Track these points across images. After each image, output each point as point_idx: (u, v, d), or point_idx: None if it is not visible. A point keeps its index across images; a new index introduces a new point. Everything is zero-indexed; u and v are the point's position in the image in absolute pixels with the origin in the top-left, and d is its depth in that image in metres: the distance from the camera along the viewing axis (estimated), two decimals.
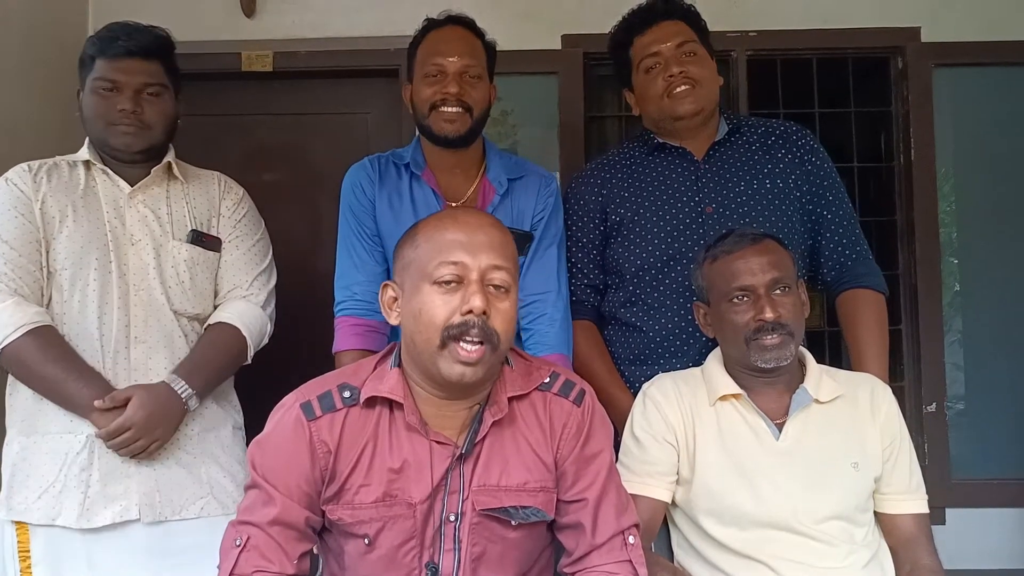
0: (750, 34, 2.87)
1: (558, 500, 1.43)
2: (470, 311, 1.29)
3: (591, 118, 2.90)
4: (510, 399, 1.40)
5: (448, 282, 1.32)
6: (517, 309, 1.38)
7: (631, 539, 1.40)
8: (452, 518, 1.37)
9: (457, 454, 1.37)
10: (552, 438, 1.42)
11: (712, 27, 2.11)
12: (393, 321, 1.40)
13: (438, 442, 1.37)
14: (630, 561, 1.39)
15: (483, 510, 1.37)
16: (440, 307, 1.31)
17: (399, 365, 1.40)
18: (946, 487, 2.71)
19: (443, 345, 1.30)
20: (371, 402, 1.38)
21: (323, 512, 1.39)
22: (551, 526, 1.46)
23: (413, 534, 1.36)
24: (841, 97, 2.98)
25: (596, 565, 1.39)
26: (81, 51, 1.87)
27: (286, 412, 1.39)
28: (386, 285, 1.42)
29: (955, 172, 2.93)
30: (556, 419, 1.42)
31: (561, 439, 1.42)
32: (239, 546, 1.34)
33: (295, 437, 1.36)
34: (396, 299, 1.39)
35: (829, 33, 2.87)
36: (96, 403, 1.69)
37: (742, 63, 2.86)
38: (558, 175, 2.80)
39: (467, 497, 1.37)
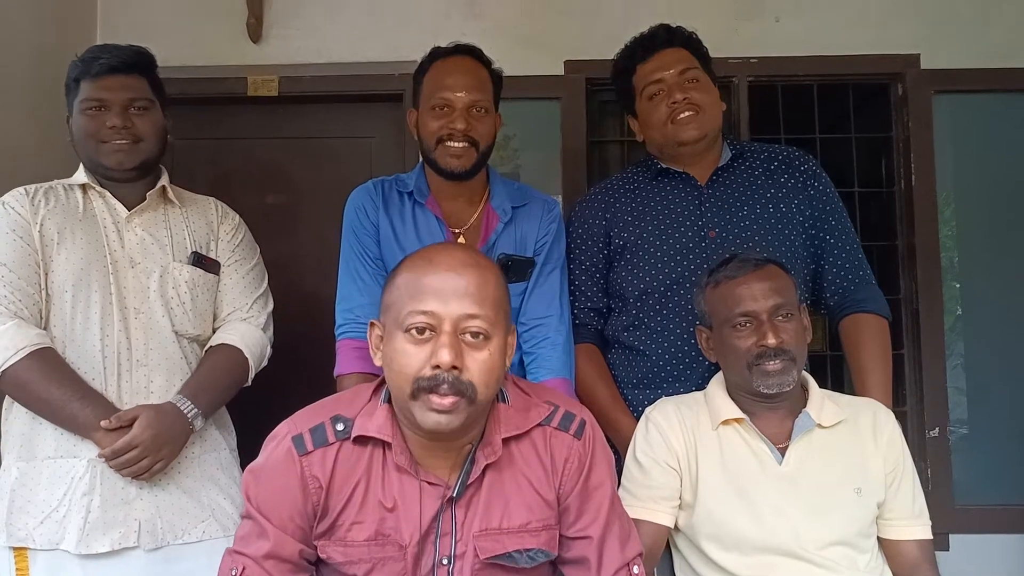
0: (751, 60, 2.89)
1: (561, 535, 1.41)
2: (437, 366, 1.25)
3: (593, 143, 2.91)
4: (507, 439, 1.37)
5: (420, 330, 1.27)
6: (503, 352, 1.33)
7: (635, 569, 1.39)
8: (445, 561, 1.34)
9: (448, 495, 1.35)
10: (554, 474, 1.39)
11: (713, 53, 2.14)
12: (377, 362, 1.37)
13: (428, 482, 1.35)
14: None
15: (488, 558, 1.34)
16: (411, 357, 1.27)
17: (389, 401, 1.37)
18: (950, 513, 2.69)
19: (414, 396, 1.27)
20: (362, 440, 1.36)
21: (316, 547, 1.37)
22: (554, 561, 1.44)
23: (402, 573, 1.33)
24: (842, 123, 3.00)
25: None
26: (66, 77, 1.89)
27: (278, 444, 1.37)
28: (373, 324, 1.38)
29: (956, 197, 2.94)
30: (557, 454, 1.39)
31: (563, 475, 1.39)
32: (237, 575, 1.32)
33: (287, 471, 1.34)
34: (382, 338, 1.35)
35: (829, 60, 2.88)
36: (103, 423, 1.69)
37: (743, 89, 2.88)
38: (560, 199, 2.82)
39: (460, 539, 1.34)
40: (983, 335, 2.89)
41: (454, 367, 1.25)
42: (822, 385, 1.71)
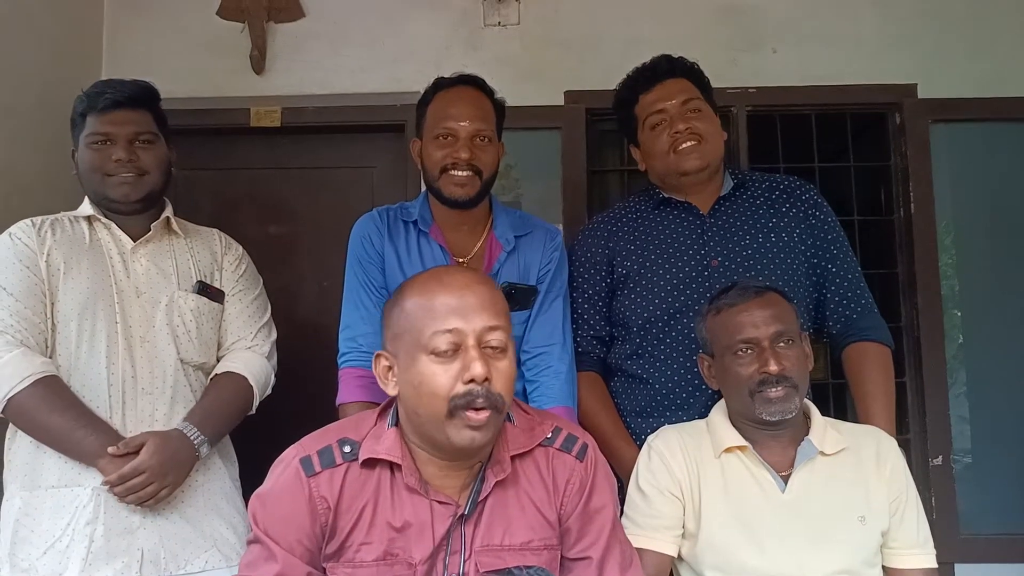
0: (750, 90, 2.92)
1: (562, 557, 1.41)
2: (472, 379, 1.27)
3: (593, 172, 2.93)
4: (513, 457, 1.39)
5: (445, 351, 1.29)
6: (515, 363, 1.36)
7: None
8: None
9: (459, 514, 1.36)
10: (556, 495, 1.41)
11: (713, 83, 2.16)
12: (391, 392, 1.38)
13: (439, 502, 1.36)
14: None
15: (486, 572, 1.35)
16: (441, 377, 1.28)
17: (397, 424, 1.38)
18: (955, 542, 2.67)
19: (451, 415, 1.28)
20: (370, 463, 1.37)
21: (324, 570, 1.37)
22: None
23: None
24: (841, 152, 3.02)
25: None
26: (71, 112, 1.91)
27: (286, 467, 1.38)
28: (379, 355, 1.39)
29: (956, 225, 2.95)
30: (559, 475, 1.41)
31: (565, 495, 1.41)
32: None
33: (295, 493, 1.35)
34: (391, 368, 1.36)
35: (827, 90, 2.91)
36: (110, 449, 1.69)
37: (742, 119, 2.90)
38: (561, 228, 2.83)
39: (469, 557, 1.35)
40: (985, 363, 2.89)
41: (486, 379, 1.27)
42: (825, 413, 1.71)
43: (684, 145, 1.98)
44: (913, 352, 2.82)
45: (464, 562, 1.35)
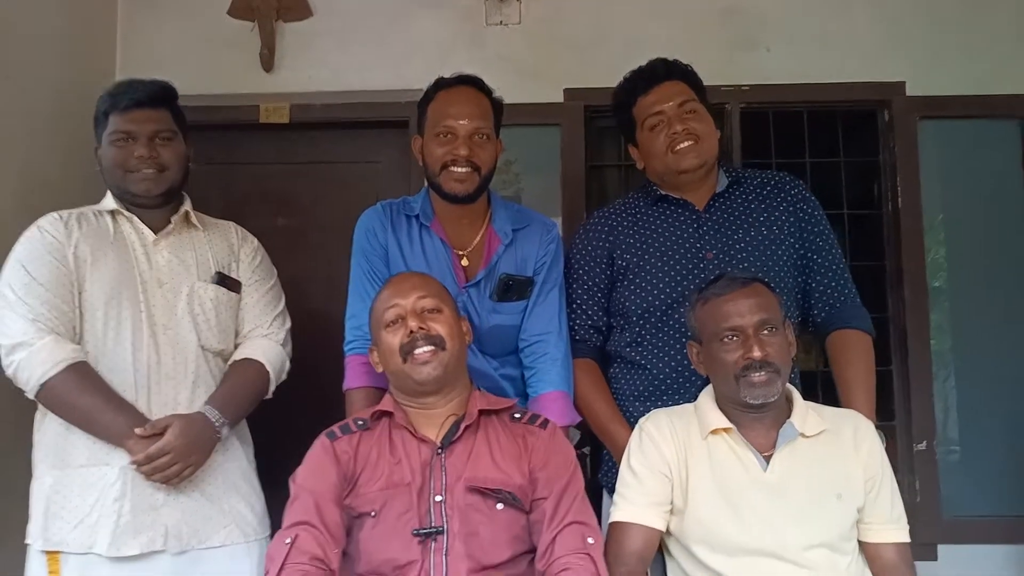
0: (744, 88, 3.00)
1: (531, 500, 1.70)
2: (411, 331, 1.73)
3: (591, 167, 3.02)
4: (481, 411, 1.77)
5: (393, 322, 1.77)
6: (457, 319, 1.81)
7: (590, 540, 1.63)
8: (438, 498, 1.66)
9: (437, 447, 1.72)
10: (526, 452, 1.74)
11: (708, 81, 2.24)
12: (379, 370, 1.83)
13: (422, 439, 1.73)
14: (589, 555, 1.61)
15: (469, 486, 1.66)
16: (392, 338, 1.76)
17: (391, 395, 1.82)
18: (937, 524, 2.78)
19: (405, 360, 1.73)
20: (376, 417, 1.77)
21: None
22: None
23: (410, 507, 1.65)
24: (833, 147, 3.11)
25: (559, 556, 1.59)
26: (95, 111, 2.01)
27: (316, 443, 1.76)
28: (372, 350, 1.85)
29: (946, 220, 3.04)
30: (528, 439, 1.76)
31: (532, 453, 1.73)
32: (288, 543, 1.60)
33: (323, 454, 1.72)
34: (375, 351, 1.84)
35: (818, 87, 3.00)
36: (137, 431, 1.80)
37: (736, 115, 2.99)
38: (560, 221, 2.93)
39: (448, 483, 1.67)
40: (974, 355, 2.97)
41: (421, 328, 1.73)
42: (816, 400, 1.81)
43: (681, 145, 2.07)
44: (899, 342, 2.91)
45: (445, 487, 1.67)
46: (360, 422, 1.77)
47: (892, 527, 1.71)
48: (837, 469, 1.70)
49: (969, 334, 3.00)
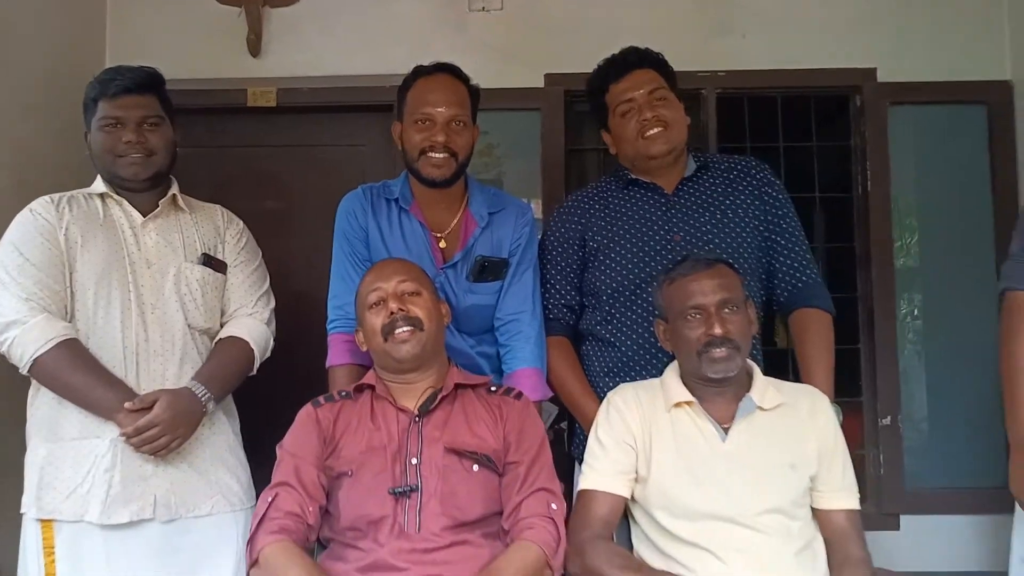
0: (719, 74, 3.07)
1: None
2: (392, 313, 1.84)
3: (571, 151, 3.10)
4: (457, 385, 1.90)
5: (375, 304, 1.87)
6: (436, 302, 1.92)
7: (554, 506, 1.76)
8: (414, 461, 1.79)
9: (414, 415, 1.84)
10: (500, 420, 1.87)
11: (684, 67, 2.32)
12: (364, 349, 1.95)
13: (401, 409, 1.85)
14: (552, 519, 1.74)
15: (447, 447, 1.80)
16: (375, 319, 1.87)
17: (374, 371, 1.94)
18: (900, 495, 2.89)
19: (386, 339, 1.85)
20: (359, 390, 1.90)
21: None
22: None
23: (385, 468, 1.77)
24: (806, 132, 3.19)
25: (524, 517, 1.72)
26: (84, 97, 2.07)
27: (302, 410, 1.90)
28: (357, 330, 1.95)
29: (918, 204, 3.12)
30: (503, 409, 1.88)
31: (507, 420, 1.86)
32: (270, 501, 1.76)
33: (307, 420, 1.87)
34: (360, 331, 1.95)
35: (792, 73, 3.07)
36: (127, 404, 1.87)
37: (712, 101, 3.07)
38: (540, 204, 3.01)
39: (423, 448, 1.80)
40: (943, 332, 3.06)
41: (401, 309, 1.84)
42: (786, 379, 1.91)
43: (651, 131, 2.14)
44: (867, 321, 3.01)
45: (420, 452, 1.80)
46: (343, 393, 1.91)
47: (843, 495, 1.80)
48: (792, 440, 1.79)
49: (939, 314, 3.09)
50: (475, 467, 1.79)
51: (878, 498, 2.89)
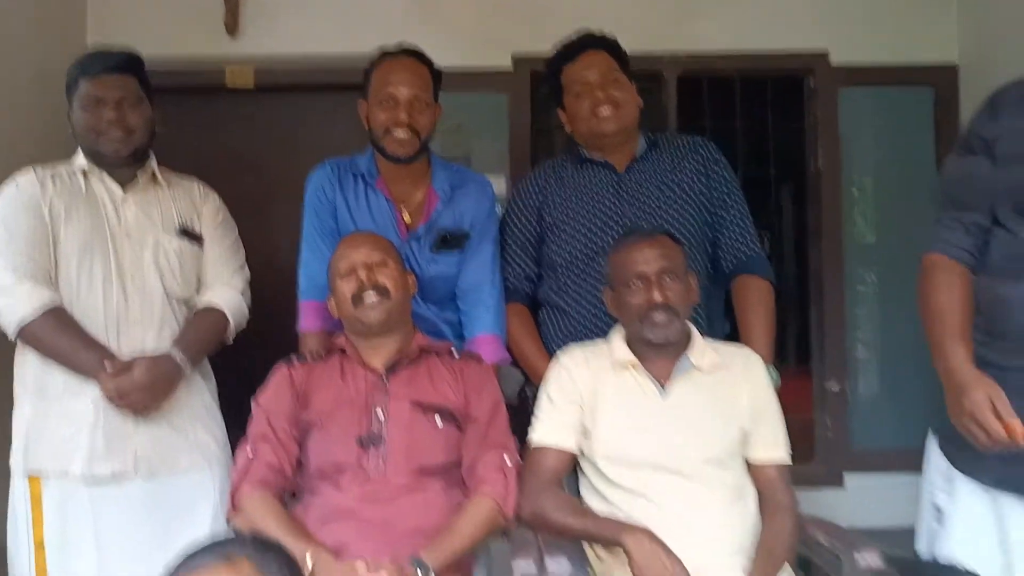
0: (680, 56, 3.20)
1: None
2: (361, 282, 1.97)
3: (537, 131, 3.23)
4: (422, 349, 2.04)
5: (347, 273, 1.99)
6: (403, 271, 2.04)
7: (508, 462, 1.92)
8: (381, 415, 1.93)
9: (381, 374, 1.98)
10: (462, 379, 2.01)
11: (647, 50, 2.44)
12: (335, 315, 2.06)
13: (370, 368, 1.99)
14: (505, 474, 1.90)
15: (413, 401, 1.95)
16: (345, 287, 2.00)
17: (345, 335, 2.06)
18: (846, 454, 3.07)
19: (355, 305, 1.97)
20: (331, 352, 2.05)
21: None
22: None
23: (352, 420, 1.92)
24: (764, 113, 3.34)
25: (480, 471, 1.89)
26: (67, 77, 2.17)
27: (275, 370, 2.04)
28: (329, 298, 2.07)
29: (872, 182, 3.27)
30: (465, 371, 2.03)
31: (468, 381, 2.00)
32: (250, 456, 1.92)
33: (280, 378, 2.01)
34: (332, 299, 2.07)
35: (750, 56, 3.21)
36: (107, 367, 1.99)
37: (673, 83, 3.20)
38: (508, 181, 3.14)
39: (390, 403, 1.94)
40: (895, 304, 3.23)
41: (370, 279, 1.97)
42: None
43: (603, 111, 2.28)
44: (817, 293, 3.17)
45: (387, 405, 1.94)
46: (316, 354, 2.06)
47: (773, 448, 1.95)
48: (726, 397, 1.94)
49: (893, 286, 3.25)
50: (438, 421, 1.94)
51: (824, 458, 3.07)
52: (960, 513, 1.79)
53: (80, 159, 2.17)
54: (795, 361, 3.24)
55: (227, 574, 1.08)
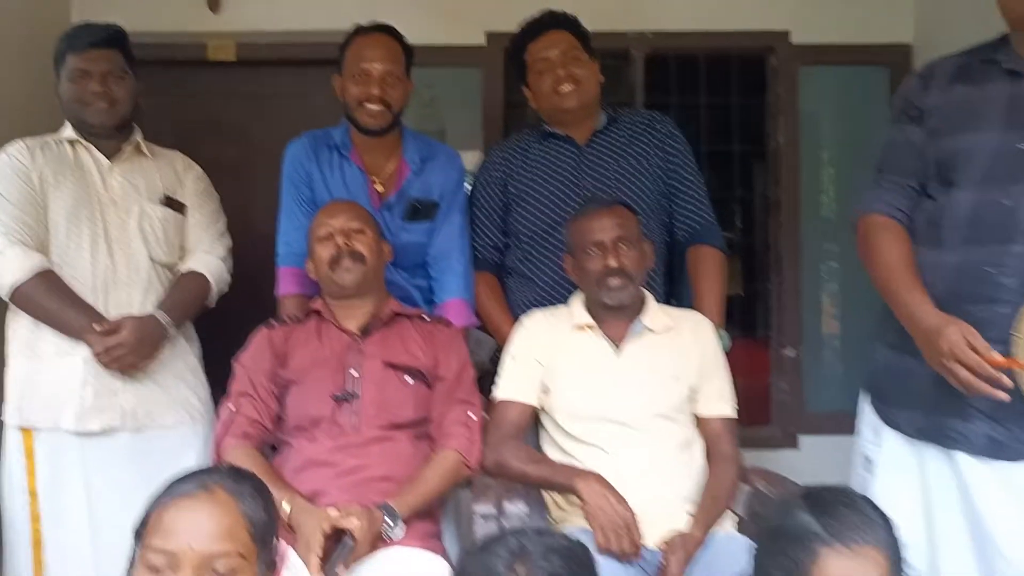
0: (647, 35, 3.31)
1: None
2: (339, 247, 2.08)
3: (510, 105, 3.32)
4: (395, 314, 2.15)
5: (325, 238, 2.10)
6: (377, 239, 2.14)
7: (473, 417, 2.07)
8: (355, 373, 2.05)
9: (355, 335, 2.10)
10: (432, 341, 2.12)
11: (613, 28, 2.53)
12: (313, 277, 2.17)
13: (345, 330, 2.11)
14: (468, 427, 2.05)
15: (385, 361, 2.06)
16: (323, 251, 2.11)
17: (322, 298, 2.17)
18: (800, 417, 3.23)
19: (331, 268, 2.09)
20: (308, 314, 2.15)
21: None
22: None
23: (328, 377, 2.03)
24: (728, 90, 3.46)
25: (446, 425, 2.03)
26: (54, 51, 2.27)
27: (256, 332, 2.14)
28: (308, 261, 2.16)
29: (835, 159, 3.40)
30: (434, 334, 2.15)
31: (437, 342, 2.12)
32: (233, 411, 2.03)
33: (260, 340, 2.13)
34: (311, 260, 2.17)
35: (714, 35, 3.32)
36: (96, 327, 2.11)
37: (640, 61, 3.32)
38: (481, 155, 3.25)
39: (364, 363, 2.05)
40: (855, 275, 3.32)
41: (347, 244, 2.07)
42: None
43: (564, 88, 2.40)
44: (776, 263, 3.32)
45: (361, 364, 2.06)
46: (294, 317, 2.18)
47: (719, 403, 2.10)
48: (676, 355, 2.08)
49: (851, 257, 3.35)
50: (409, 380, 2.06)
51: (779, 421, 3.23)
52: (886, 462, 1.95)
53: (68, 130, 2.28)
54: (754, 328, 3.38)
55: (204, 500, 1.21)
